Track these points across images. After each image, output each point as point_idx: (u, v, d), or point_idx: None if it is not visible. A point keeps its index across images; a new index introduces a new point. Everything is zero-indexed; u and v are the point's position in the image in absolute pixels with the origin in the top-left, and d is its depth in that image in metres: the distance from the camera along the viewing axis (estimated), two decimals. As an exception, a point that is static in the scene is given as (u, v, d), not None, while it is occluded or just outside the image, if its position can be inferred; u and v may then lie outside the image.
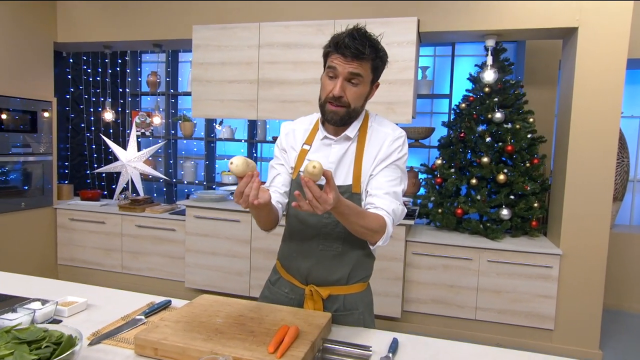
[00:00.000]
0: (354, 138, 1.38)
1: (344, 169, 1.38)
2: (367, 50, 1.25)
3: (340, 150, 1.39)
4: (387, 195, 1.33)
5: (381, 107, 3.17)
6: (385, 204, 1.31)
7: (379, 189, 1.34)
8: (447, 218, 3.42)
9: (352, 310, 1.41)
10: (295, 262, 1.44)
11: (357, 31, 1.26)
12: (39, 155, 3.91)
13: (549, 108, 3.83)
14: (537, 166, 3.33)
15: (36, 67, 3.86)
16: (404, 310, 3.27)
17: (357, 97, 1.31)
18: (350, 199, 1.33)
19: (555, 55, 3.77)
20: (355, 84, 1.29)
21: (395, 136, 1.38)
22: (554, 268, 3.00)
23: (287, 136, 1.48)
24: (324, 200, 1.08)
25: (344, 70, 1.27)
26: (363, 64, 1.27)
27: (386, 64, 1.35)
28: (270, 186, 1.48)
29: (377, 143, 1.37)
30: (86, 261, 4.02)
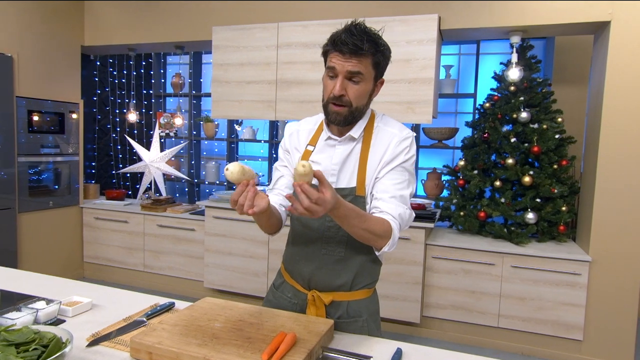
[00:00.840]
0: (358, 138, 1.34)
1: (347, 171, 1.33)
2: (366, 46, 1.20)
3: (345, 151, 1.34)
4: (394, 199, 1.27)
5: (400, 107, 3.09)
6: (391, 208, 1.26)
7: (385, 192, 1.28)
8: (470, 221, 3.31)
9: (355, 318, 1.36)
10: (298, 266, 1.40)
11: (354, 27, 1.22)
12: (67, 156, 4.03)
13: (580, 107, 3.65)
14: (565, 168, 3.18)
15: (64, 70, 3.98)
16: (423, 315, 3.19)
17: (359, 96, 1.26)
18: (354, 202, 1.28)
19: (586, 52, 3.59)
20: (356, 81, 1.24)
21: (402, 137, 1.32)
22: (582, 275, 2.85)
23: (291, 137, 1.45)
24: (323, 200, 1.03)
25: (343, 69, 1.22)
26: (363, 60, 1.21)
27: (389, 59, 1.29)
28: (274, 188, 1.45)
29: (383, 144, 1.32)
30: (110, 259, 4.11)
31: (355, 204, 1.29)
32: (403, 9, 3.13)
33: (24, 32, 3.61)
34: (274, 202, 1.40)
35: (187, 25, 3.75)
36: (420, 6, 3.09)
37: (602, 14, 2.76)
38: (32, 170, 3.74)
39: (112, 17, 4.01)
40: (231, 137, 4.64)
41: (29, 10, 3.63)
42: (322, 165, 1.35)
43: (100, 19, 4.05)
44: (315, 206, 1.03)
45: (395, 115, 3.09)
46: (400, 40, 3.05)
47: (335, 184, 1.33)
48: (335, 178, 1.33)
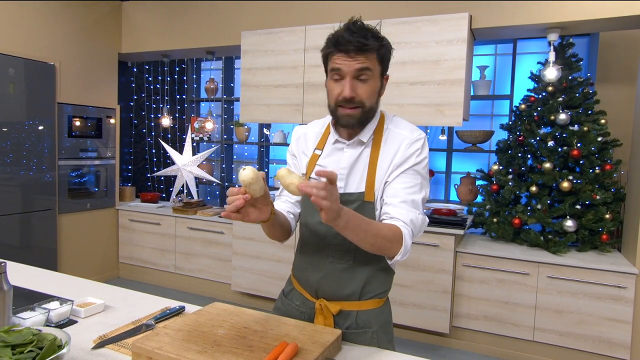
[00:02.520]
0: (367, 142, 1.29)
1: (356, 175, 1.28)
2: (371, 41, 1.16)
3: (353, 155, 1.29)
4: (404, 203, 1.21)
5: (429, 109, 3.00)
6: (401, 214, 1.20)
7: (395, 196, 1.22)
8: (503, 228, 3.16)
9: (365, 329, 1.30)
10: (305, 274, 1.36)
11: (353, 24, 1.18)
12: (104, 159, 4.19)
13: (627, 108, 3.40)
14: (609, 173, 2.97)
15: (103, 77, 4.14)
16: (453, 325, 3.06)
17: (371, 94, 1.22)
18: (362, 208, 1.24)
19: (634, 48, 3.35)
20: (364, 80, 1.19)
21: (413, 138, 1.26)
22: (628, 289, 2.64)
23: (298, 141, 1.42)
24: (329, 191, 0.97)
25: (350, 69, 1.18)
26: (369, 56, 1.17)
27: (391, 53, 1.25)
28: (281, 195, 1.43)
29: (393, 147, 1.26)
30: (143, 260, 4.22)
31: (363, 209, 1.24)
32: (432, 9, 3.03)
33: (65, 42, 3.78)
34: (282, 210, 1.39)
35: (217, 31, 3.81)
36: (450, 5, 2.99)
37: (650, 7, 2.56)
38: (72, 173, 3.91)
39: (147, 25, 4.13)
40: (261, 141, 4.67)
41: (69, 20, 3.80)
42: (329, 169, 1.30)
43: (135, 26, 4.19)
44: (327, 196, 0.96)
45: (423, 118, 3.01)
46: (429, 40, 2.96)
47: (343, 189, 1.28)
48: (343, 183, 1.28)
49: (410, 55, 3.02)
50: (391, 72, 3.07)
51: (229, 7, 3.74)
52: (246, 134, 4.45)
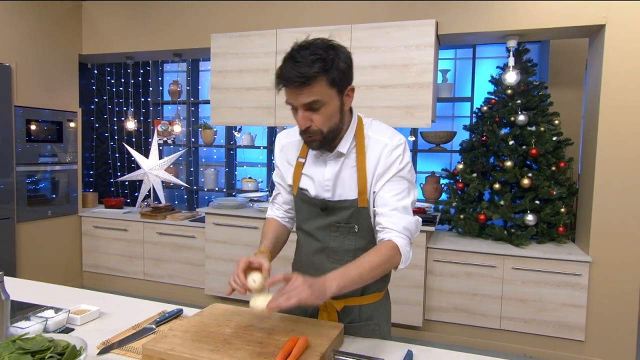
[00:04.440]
0: (347, 153, 1.29)
1: (343, 184, 1.30)
2: (315, 68, 1.11)
3: (336, 166, 1.30)
4: (395, 211, 1.24)
5: (399, 112, 3.12)
6: (394, 223, 1.23)
7: (385, 205, 1.25)
8: (470, 224, 3.33)
9: (367, 321, 1.37)
10: (307, 274, 1.40)
11: (297, 51, 1.14)
12: (65, 165, 4.02)
13: (576, 109, 3.69)
14: (563, 170, 3.21)
15: (62, 79, 3.98)
16: (426, 319, 3.19)
17: (327, 119, 1.20)
18: (357, 214, 1.28)
19: (581, 55, 3.63)
20: (317, 109, 1.17)
21: (393, 145, 1.26)
22: (583, 276, 2.87)
23: (282, 151, 1.43)
24: (295, 285, 1.05)
25: (300, 102, 1.17)
26: (315, 86, 1.14)
27: (348, 63, 1.19)
28: (274, 203, 1.52)
29: (375, 154, 1.27)
30: (110, 268, 4.09)
31: (359, 215, 1.28)
32: (401, 15, 3.16)
33: (22, 42, 3.61)
34: (276, 216, 1.49)
35: (185, 33, 3.77)
36: (417, 11, 3.13)
37: (597, 17, 2.80)
38: (31, 179, 3.72)
39: (110, 26, 4.01)
40: (230, 144, 4.65)
41: (26, 19, 3.63)
42: (315, 180, 1.33)
43: (97, 27, 4.06)
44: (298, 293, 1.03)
45: (394, 120, 3.12)
46: (398, 45, 3.08)
47: (331, 199, 1.31)
48: (330, 193, 1.31)
49: (381, 59, 3.12)
50: (363, 75, 3.18)
51: (198, 9, 3.71)
52: (215, 136, 4.42)
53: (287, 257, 1.54)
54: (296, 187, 1.38)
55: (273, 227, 1.45)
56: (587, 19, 2.82)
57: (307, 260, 1.40)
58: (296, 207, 1.41)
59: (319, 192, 1.32)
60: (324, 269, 1.34)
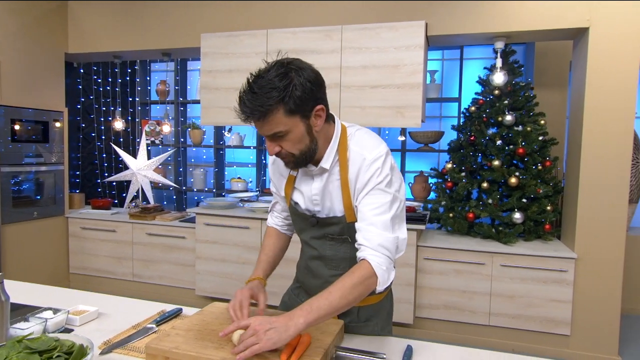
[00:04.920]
0: (330, 169, 1.27)
1: (331, 199, 1.29)
2: (270, 100, 1.09)
3: (321, 181, 1.29)
4: (372, 226, 1.15)
5: (390, 112, 3.15)
6: (369, 240, 1.15)
7: (363, 220, 1.18)
8: (459, 222, 3.38)
9: (366, 322, 1.39)
10: (308, 279, 1.44)
11: (253, 81, 1.12)
12: (51, 165, 3.95)
13: (560, 110, 3.78)
14: (549, 169, 3.29)
15: (48, 78, 3.91)
16: (416, 316, 3.23)
17: (295, 144, 1.18)
18: (347, 229, 1.28)
19: (565, 57, 3.73)
20: (281, 137, 1.16)
21: (371, 159, 1.20)
22: (569, 272, 2.94)
23: (274, 165, 1.43)
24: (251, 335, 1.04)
25: (263, 133, 1.17)
26: (273, 118, 1.12)
27: (309, 87, 1.13)
28: (272, 211, 1.55)
29: (355, 168, 1.23)
30: (97, 269, 4.04)
31: (350, 229, 1.26)
32: (391, 16, 3.19)
33: (6, 40, 3.54)
34: (276, 224, 1.54)
35: (174, 33, 3.74)
36: (407, 13, 3.17)
37: (581, 20, 2.88)
38: (15, 180, 3.66)
39: (97, 25, 3.96)
40: (219, 144, 4.63)
41: (11, 17, 3.56)
42: (304, 194, 1.34)
43: (84, 26, 4.00)
44: (258, 340, 1.02)
45: (385, 119, 3.16)
46: (388, 46, 3.12)
47: (320, 213, 1.32)
48: (319, 207, 1.32)
49: (372, 60, 3.16)
50: (354, 75, 3.21)
51: (188, 8, 3.68)
52: (204, 136, 4.40)
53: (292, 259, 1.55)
54: (288, 199, 1.39)
55: (273, 242, 1.50)
56: (571, 22, 2.90)
57: (305, 265, 1.43)
58: (291, 217, 1.44)
59: (308, 206, 1.34)
60: (321, 276, 1.37)
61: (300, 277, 1.48)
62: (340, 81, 3.23)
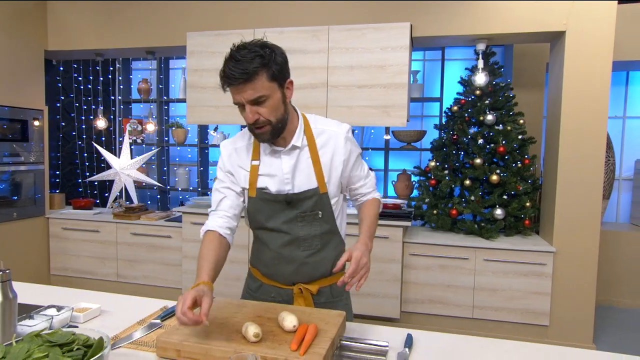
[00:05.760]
0: (302, 146, 1.40)
1: (302, 175, 1.40)
2: (254, 64, 1.20)
3: (291, 159, 1.39)
4: (366, 178, 1.54)
5: (376, 111, 3.22)
6: (369, 187, 1.55)
7: (360, 179, 1.52)
8: (442, 219, 3.48)
9: (339, 297, 1.50)
10: (279, 268, 1.46)
11: (236, 51, 1.23)
12: (30, 165, 3.86)
13: (537, 109, 3.93)
14: (528, 166, 3.41)
15: (27, 76, 3.82)
16: (403, 311, 3.31)
17: (272, 110, 1.28)
18: (320, 200, 1.41)
19: (542, 58, 3.87)
20: (262, 101, 1.25)
21: (344, 134, 1.43)
22: (547, 265, 3.07)
23: (230, 157, 1.45)
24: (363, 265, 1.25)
25: (243, 99, 1.24)
26: (257, 81, 1.22)
27: (284, 58, 1.29)
28: (217, 210, 1.44)
29: (330, 144, 1.42)
30: (80, 270, 3.97)
31: (322, 200, 1.41)
32: (377, 17, 3.26)
33: (-16, 36, 3.45)
34: (219, 226, 1.40)
35: (159, 31, 3.71)
36: (393, 14, 3.24)
37: (558, 24, 3.00)
38: (-7, 180, 3.57)
39: (78, 22, 3.89)
40: (203, 143, 4.61)
41: (-11, 13, 3.47)
42: (274, 176, 1.40)
43: (65, 22, 3.92)
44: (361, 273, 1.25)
45: (371, 119, 3.22)
46: (374, 47, 3.18)
47: (292, 190, 1.40)
48: (290, 185, 1.40)
49: (358, 60, 3.21)
50: (341, 75, 3.26)
51: (173, 7, 3.66)
52: (189, 135, 4.37)
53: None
54: (254, 188, 1.42)
55: (214, 247, 1.36)
56: (549, 26, 3.02)
57: (275, 254, 1.44)
58: (255, 208, 1.43)
59: (280, 187, 1.40)
60: (294, 258, 1.43)
61: (270, 269, 1.48)
62: (327, 81, 3.28)
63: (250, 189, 1.42)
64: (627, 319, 3.68)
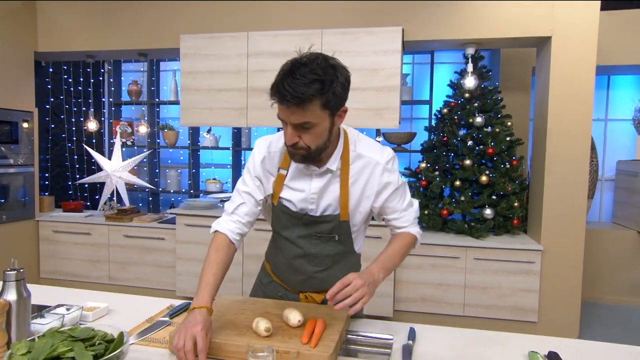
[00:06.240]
0: (336, 171, 1.33)
1: (327, 199, 1.36)
2: (312, 90, 1.12)
3: (322, 181, 1.34)
4: (404, 212, 1.43)
5: (369, 113, 3.28)
6: (407, 221, 1.43)
7: (395, 212, 1.41)
8: (433, 219, 3.55)
9: None
10: (288, 275, 1.49)
11: (297, 67, 1.13)
12: (19, 167, 3.82)
13: (524, 112, 4.04)
14: (516, 167, 3.51)
15: (16, 77, 3.78)
16: (395, 309, 3.37)
17: (315, 139, 1.21)
18: (339, 227, 1.37)
19: (528, 63, 3.99)
20: (307, 128, 1.18)
21: (384, 162, 1.35)
22: (536, 263, 3.16)
23: (264, 162, 1.39)
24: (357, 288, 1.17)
25: (289, 120, 1.18)
26: (308, 107, 1.14)
27: (345, 86, 1.20)
28: (233, 214, 1.40)
29: (365, 171, 1.34)
30: (71, 273, 3.94)
31: (341, 227, 1.37)
32: (370, 21, 3.32)
33: (-27, 37, 3.41)
34: (230, 230, 1.37)
35: (152, 33, 3.72)
36: (385, 19, 3.30)
37: (544, 30, 3.11)
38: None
39: (69, 23, 3.87)
40: (195, 145, 4.62)
41: (-22, 14, 3.44)
42: (300, 193, 1.36)
43: (55, 24, 3.90)
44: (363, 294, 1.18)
45: (364, 121, 3.28)
46: (367, 50, 3.24)
47: (315, 212, 1.37)
48: (314, 205, 1.36)
49: (351, 63, 3.22)
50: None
51: (166, 9, 3.67)
52: (181, 137, 4.37)
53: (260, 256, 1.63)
54: (277, 197, 1.39)
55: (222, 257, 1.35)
56: (536, 31, 3.12)
57: (287, 263, 1.46)
58: (275, 215, 1.43)
59: (304, 205, 1.36)
60: (304, 272, 1.44)
61: (281, 273, 1.50)
62: (320, 83, 3.32)
63: (274, 196, 1.39)
64: (611, 315, 3.80)
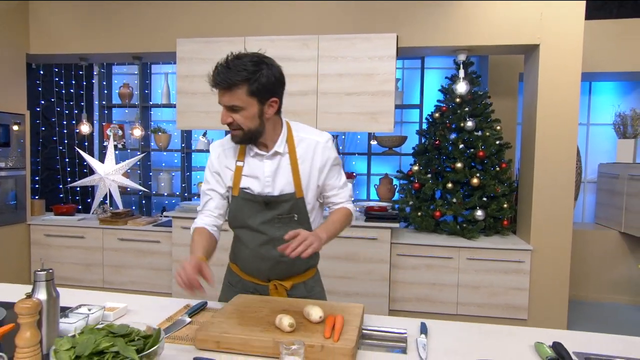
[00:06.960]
0: (283, 152, 1.51)
1: (281, 180, 1.51)
2: (238, 77, 1.32)
3: (273, 164, 1.51)
4: (340, 190, 1.60)
5: (364, 117, 3.35)
6: (343, 197, 1.61)
7: (334, 188, 1.59)
8: (426, 220, 3.64)
9: (313, 291, 1.62)
10: (256, 265, 1.57)
11: (231, 59, 1.36)
12: (10, 170, 3.78)
13: (512, 116, 4.17)
14: (505, 170, 3.63)
15: (7, 79, 3.74)
16: (391, 309, 3.44)
17: (246, 120, 1.40)
18: (296, 204, 1.52)
19: (515, 69, 4.12)
20: (237, 110, 1.38)
21: (324, 141, 1.54)
22: (525, 262, 3.28)
23: (219, 158, 1.56)
24: (306, 238, 1.31)
25: (222, 102, 1.39)
26: (235, 92, 1.34)
27: (273, 79, 1.39)
28: (204, 210, 1.59)
29: (309, 152, 1.52)
30: (64, 277, 3.90)
31: (297, 204, 1.52)
32: (365, 28, 3.40)
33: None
34: (206, 224, 1.55)
35: (147, 36, 3.72)
36: (379, 25, 3.39)
37: (532, 37, 3.23)
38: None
39: (62, 25, 3.85)
40: (188, 148, 4.62)
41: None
42: (256, 177, 1.51)
43: (48, 26, 3.87)
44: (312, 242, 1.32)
45: (359, 124, 3.36)
46: (362, 56, 3.32)
47: (272, 192, 1.51)
48: (270, 188, 1.51)
49: (346, 68, 3.34)
50: (330, 82, 3.38)
51: (162, 12, 3.68)
52: (176, 140, 4.38)
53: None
54: (237, 188, 1.52)
55: (204, 237, 1.51)
56: (524, 39, 3.25)
57: (254, 253, 1.55)
58: (237, 207, 1.55)
59: (261, 188, 1.50)
60: (271, 257, 1.53)
61: (248, 266, 1.59)
62: (317, 88, 3.39)
63: (234, 188, 1.53)
64: (595, 312, 3.95)
